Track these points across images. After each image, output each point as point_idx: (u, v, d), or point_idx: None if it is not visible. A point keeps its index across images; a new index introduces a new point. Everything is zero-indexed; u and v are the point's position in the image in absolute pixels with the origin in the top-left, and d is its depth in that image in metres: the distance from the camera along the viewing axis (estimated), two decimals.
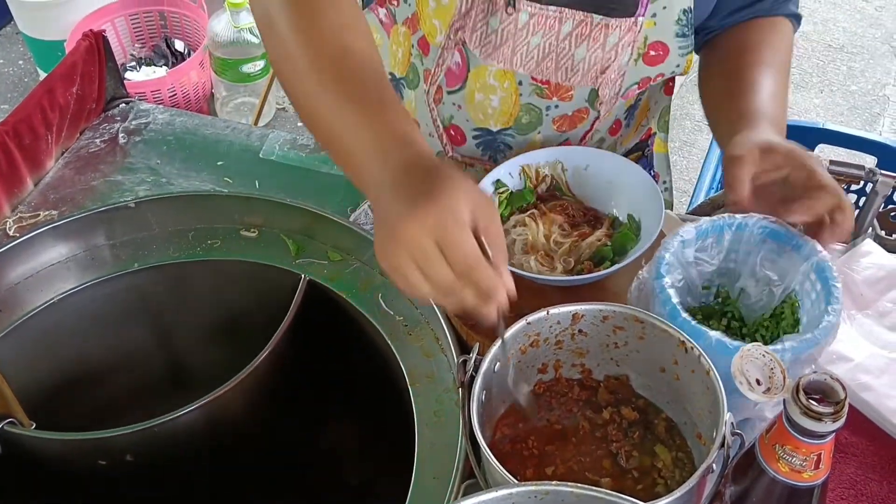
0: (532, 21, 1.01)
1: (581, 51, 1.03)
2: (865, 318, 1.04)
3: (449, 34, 1.03)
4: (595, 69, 1.05)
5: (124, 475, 0.99)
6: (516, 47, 1.03)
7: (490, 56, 1.04)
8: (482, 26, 1.02)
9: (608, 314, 0.86)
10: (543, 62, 1.04)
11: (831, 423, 0.62)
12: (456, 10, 1.01)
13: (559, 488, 0.67)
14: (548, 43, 1.03)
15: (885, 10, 3.79)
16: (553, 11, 1.01)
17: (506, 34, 1.02)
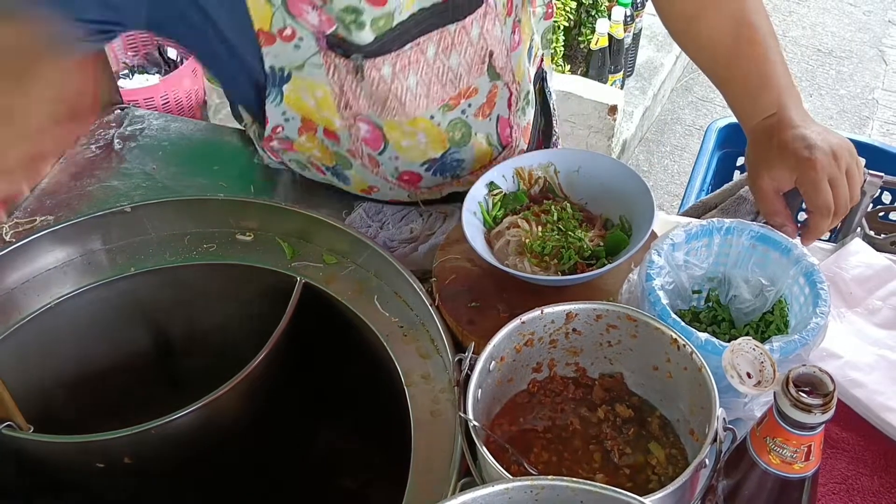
0: (397, 69, 1.02)
1: (454, 59, 1.05)
2: (855, 315, 1.06)
3: (342, 114, 1.05)
4: (476, 62, 1.06)
5: (122, 478, 0.99)
6: (400, 97, 1.04)
7: (384, 114, 1.06)
8: (361, 95, 1.03)
9: (601, 313, 0.87)
10: (431, 90, 1.06)
11: (821, 414, 0.63)
12: (332, 94, 1.02)
13: (555, 483, 0.67)
14: (423, 76, 1.04)
15: (874, 15, 3.83)
16: (409, 49, 1.01)
17: (383, 91, 1.03)
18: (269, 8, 0.94)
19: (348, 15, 0.95)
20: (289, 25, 0.96)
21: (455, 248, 1.06)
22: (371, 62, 1.00)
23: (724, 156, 1.87)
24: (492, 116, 1.13)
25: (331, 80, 1.01)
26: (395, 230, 1.15)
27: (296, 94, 1.03)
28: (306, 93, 1.03)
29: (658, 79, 3.28)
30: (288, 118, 1.06)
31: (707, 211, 1.17)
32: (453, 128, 1.11)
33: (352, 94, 1.03)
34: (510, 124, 1.16)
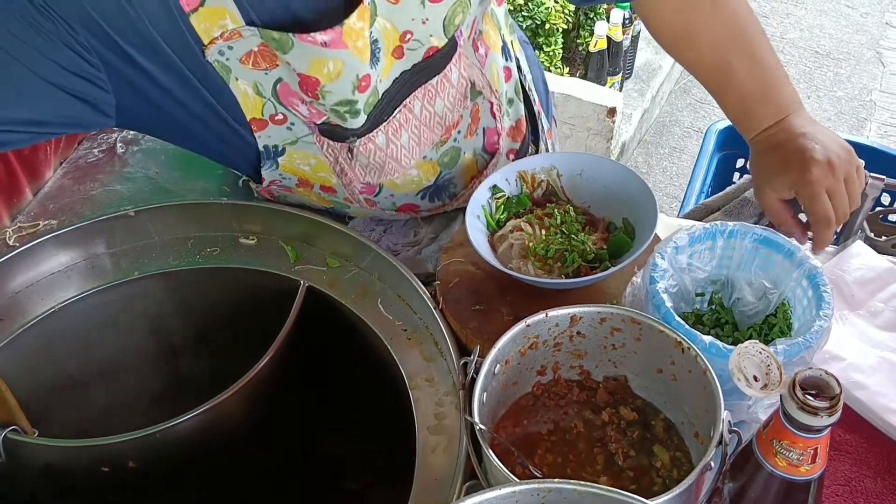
0: (389, 135, 1.03)
1: (439, 104, 1.06)
2: (857, 318, 1.06)
3: (340, 178, 1.06)
4: (459, 98, 1.07)
5: (127, 482, 0.99)
6: (398, 157, 1.06)
7: (382, 177, 1.07)
8: (357, 166, 1.04)
9: (606, 316, 0.87)
10: (422, 139, 1.07)
11: (827, 417, 0.63)
12: (326, 161, 1.03)
13: (562, 486, 0.68)
14: (413, 129, 1.05)
15: (871, 17, 3.84)
16: (398, 113, 1.02)
17: (379, 159, 1.04)
18: (260, 100, 0.94)
19: (342, 107, 0.95)
20: (280, 112, 0.96)
21: (459, 252, 1.06)
22: (365, 138, 1.01)
23: (723, 157, 1.88)
24: (478, 131, 1.14)
25: (325, 153, 1.03)
26: (399, 234, 1.15)
27: (291, 163, 1.04)
28: (301, 161, 1.04)
29: (656, 81, 3.28)
30: (284, 177, 1.07)
31: (710, 213, 1.17)
32: (444, 155, 1.12)
33: (347, 164, 1.04)
34: (497, 132, 1.16)
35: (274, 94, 0.94)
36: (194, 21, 0.85)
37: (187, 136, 1.00)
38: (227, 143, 1.00)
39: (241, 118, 0.96)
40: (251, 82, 0.92)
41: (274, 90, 0.93)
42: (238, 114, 0.96)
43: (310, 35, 0.87)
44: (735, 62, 1.04)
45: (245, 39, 0.87)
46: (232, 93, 0.92)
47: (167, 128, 0.98)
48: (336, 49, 0.89)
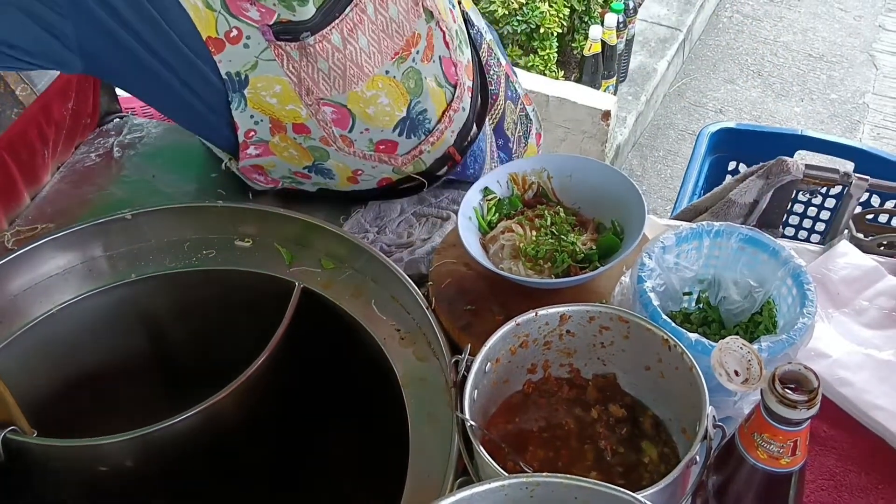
0: (345, 34, 1.03)
1: (392, 9, 1.06)
2: (843, 316, 1.08)
3: (307, 103, 1.06)
4: (411, 6, 1.08)
5: (125, 481, 1.00)
6: (357, 60, 1.06)
7: (347, 85, 1.07)
8: (319, 75, 1.04)
9: (594, 315, 0.89)
10: (382, 46, 1.07)
11: (806, 410, 0.65)
12: (291, 84, 1.04)
13: (550, 479, 0.69)
14: (370, 32, 1.05)
15: (864, 20, 3.86)
16: (350, 11, 1.02)
17: (339, 61, 1.04)
18: (212, 14, 0.96)
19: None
20: (233, 27, 0.98)
21: (451, 253, 1.08)
22: (320, 35, 1.01)
23: (715, 160, 1.90)
24: (434, 59, 1.15)
25: (287, 71, 1.03)
26: (393, 235, 1.17)
27: (256, 96, 1.05)
28: (266, 91, 1.04)
29: (651, 84, 3.30)
30: (256, 121, 1.08)
31: (698, 214, 1.19)
32: (407, 78, 1.12)
33: (310, 80, 1.04)
34: (453, 62, 1.17)
35: (223, 4, 0.96)
36: None
37: (154, 82, 1.01)
38: (193, 89, 1.02)
39: (198, 45, 0.98)
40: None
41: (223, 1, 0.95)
42: (195, 39, 0.97)
43: None
44: None
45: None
46: (184, 10, 0.94)
47: (132, 72, 1.00)
48: None
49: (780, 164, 1.30)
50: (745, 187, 1.32)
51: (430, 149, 1.18)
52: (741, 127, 1.94)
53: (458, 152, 1.22)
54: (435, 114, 1.17)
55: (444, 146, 1.19)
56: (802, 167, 1.24)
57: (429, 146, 1.18)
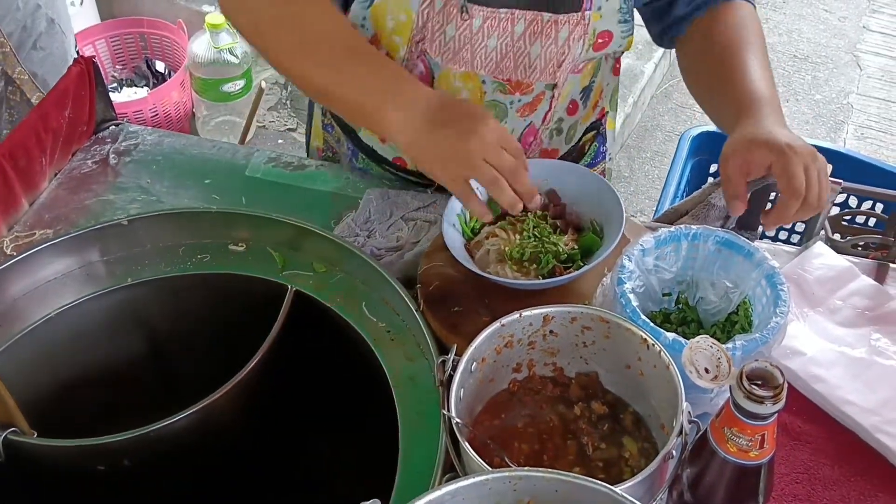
0: (486, 25, 1.07)
1: (536, 48, 1.10)
2: (817, 315, 1.12)
3: (410, 47, 1.09)
4: (552, 64, 1.12)
5: (123, 480, 1.03)
6: (475, 51, 1.09)
7: (452, 61, 1.11)
8: (440, 35, 1.08)
9: (576, 315, 0.92)
10: (502, 62, 1.11)
11: (772, 405, 0.69)
12: (413, 23, 1.07)
13: (531, 473, 0.72)
14: (504, 44, 1.10)
15: (848, 21, 3.91)
16: (504, 13, 1.07)
17: (463, 39, 1.08)
18: None
19: None
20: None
21: (439, 256, 1.11)
22: (470, 6, 1.05)
23: (697, 163, 1.94)
24: (527, 119, 1.20)
25: (420, 10, 1.06)
26: (382, 239, 1.20)
27: (382, 9, 1.08)
28: (392, 13, 1.08)
29: (638, 86, 3.34)
30: (363, 26, 1.11)
31: (679, 217, 1.22)
32: (494, 106, 1.16)
33: (430, 32, 1.08)
34: (536, 135, 1.22)
35: None
36: None
37: None
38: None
39: None
40: None
41: None
42: None
43: None
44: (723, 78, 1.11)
45: None
46: None
47: None
48: None
49: None
50: None
51: None
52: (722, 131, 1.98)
53: None
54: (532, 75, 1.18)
55: None
56: None
57: None
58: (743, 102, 1.07)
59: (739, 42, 1.13)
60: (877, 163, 1.89)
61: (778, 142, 0.99)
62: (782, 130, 1.02)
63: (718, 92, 1.13)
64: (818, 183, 0.99)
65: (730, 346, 0.87)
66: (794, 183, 0.97)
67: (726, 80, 1.11)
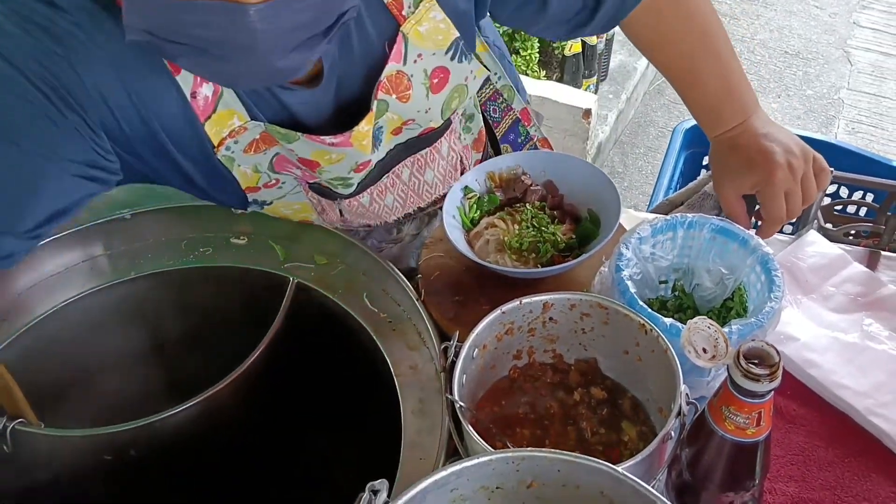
0: (374, 196, 1.10)
1: (428, 175, 1.14)
2: (811, 301, 1.14)
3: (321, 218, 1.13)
4: (449, 171, 1.16)
5: (128, 469, 1.04)
6: (378, 213, 1.14)
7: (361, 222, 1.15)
8: (339, 215, 1.12)
9: (575, 302, 0.94)
10: (406, 203, 1.16)
11: (768, 383, 0.71)
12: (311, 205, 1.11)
13: (534, 454, 0.74)
14: (399, 193, 1.13)
15: (839, 17, 3.94)
16: (385, 178, 1.10)
17: (361, 211, 1.12)
18: (257, 175, 1.02)
19: (337, 181, 1.03)
20: (273, 178, 1.04)
21: (439, 247, 1.13)
22: (352, 199, 1.08)
23: (690, 156, 1.96)
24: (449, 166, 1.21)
25: (311, 199, 1.10)
26: (383, 231, 1.21)
27: (275, 210, 1.11)
28: (286, 207, 1.11)
29: (631, 83, 3.36)
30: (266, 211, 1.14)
31: (674, 208, 1.24)
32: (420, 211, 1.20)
33: (331, 212, 1.12)
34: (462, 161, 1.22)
35: (270, 167, 1.01)
36: (208, 128, 0.93)
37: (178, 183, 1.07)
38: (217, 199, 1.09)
39: (236, 192, 1.04)
40: (251, 165, 1.00)
41: (270, 164, 1.01)
42: (234, 190, 1.03)
43: (318, 137, 0.95)
44: (702, 63, 1.11)
45: (249, 131, 0.95)
46: (234, 176, 1.00)
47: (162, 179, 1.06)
48: (342, 147, 0.97)
49: None
50: None
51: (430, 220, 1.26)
52: None
53: None
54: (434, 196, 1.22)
55: None
56: None
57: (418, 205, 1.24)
58: (721, 102, 1.10)
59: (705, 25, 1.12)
60: (867, 153, 1.91)
61: (759, 168, 1.05)
62: (763, 143, 1.06)
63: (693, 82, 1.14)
64: (800, 198, 1.06)
65: (725, 331, 0.89)
66: (774, 211, 1.05)
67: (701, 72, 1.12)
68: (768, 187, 1.04)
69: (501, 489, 0.75)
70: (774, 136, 1.06)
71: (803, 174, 1.05)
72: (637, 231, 1.00)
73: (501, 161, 1.16)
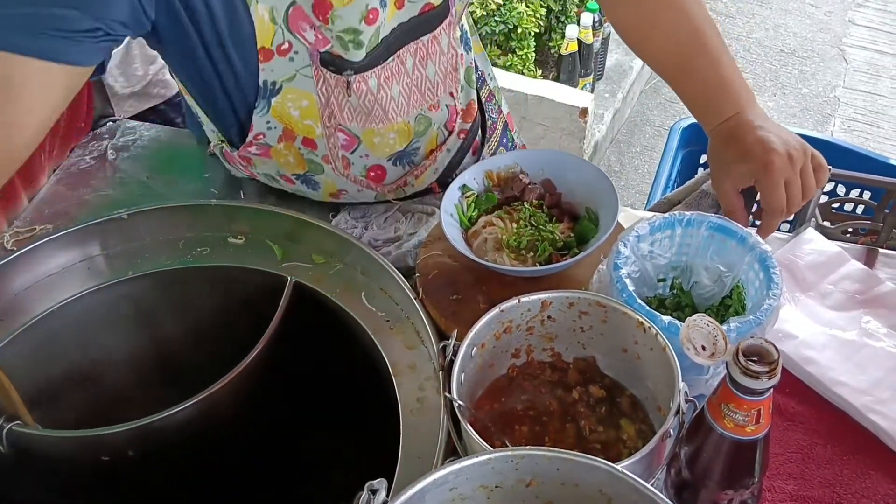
0: (381, 81, 1.09)
1: (430, 69, 1.13)
2: (809, 299, 1.14)
3: (324, 123, 1.11)
4: (449, 70, 1.15)
5: (126, 470, 1.04)
6: (385, 106, 1.12)
7: (368, 122, 1.13)
8: (346, 105, 1.10)
9: (573, 300, 0.94)
10: (411, 100, 1.14)
11: (767, 380, 0.71)
12: (318, 103, 1.09)
13: (533, 452, 0.74)
14: (404, 85, 1.12)
15: (834, 15, 3.94)
16: (391, 62, 1.09)
17: (369, 103, 1.11)
18: (273, 27, 1.01)
19: (348, 35, 1.02)
20: (287, 40, 1.02)
21: (437, 246, 1.13)
22: (360, 76, 1.07)
23: (687, 154, 1.96)
24: (442, 106, 1.21)
25: (319, 91, 1.07)
26: (380, 230, 1.21)
27: (282, 106, 1.09)
28: (293, 104, 1.09)
29: (627, 81, 3.36)
30: (271, 127, 1.12)
31: (671, 207, 1.24)
32: (419, 123, 1.18)
33: (337, 105, 1.09)
34: (456, 111, 1.23)
35: (285, 19, 1.00)
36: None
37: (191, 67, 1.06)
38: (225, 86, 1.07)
39: (250, 53, 1.02)
40: (268, 7, 0.99)
41: (286, 15, 1.00)
42: (249, 47, 1.02)
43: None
44: (694, 55, 1.10)
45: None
46: (251, 20, 0.99)
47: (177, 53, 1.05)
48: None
49: None
50: None
51: (413, 182, 1.25)
52: None
53: (440, 186, 1.28)
54: (423, 153, 1.23)
55: (426, 181, 1.26)
56: None
57: (413, 179, 1.24)
58: (716, 93, 1.09)
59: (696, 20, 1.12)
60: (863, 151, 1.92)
61: (757, 159, 1.02)
62: (760, 134, 1.04)
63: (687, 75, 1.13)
64: (800, 189, 1.03)
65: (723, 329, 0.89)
66: (774, 201, 1.02)
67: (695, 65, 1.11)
68: (767, 176, 1.01)
69: (500, 488, 0.75)
70: (770, 128, 1.05)
71: (802, 166, 1.03)
72: (635, 229, 1.00)
73: (499, 160, 1.16)
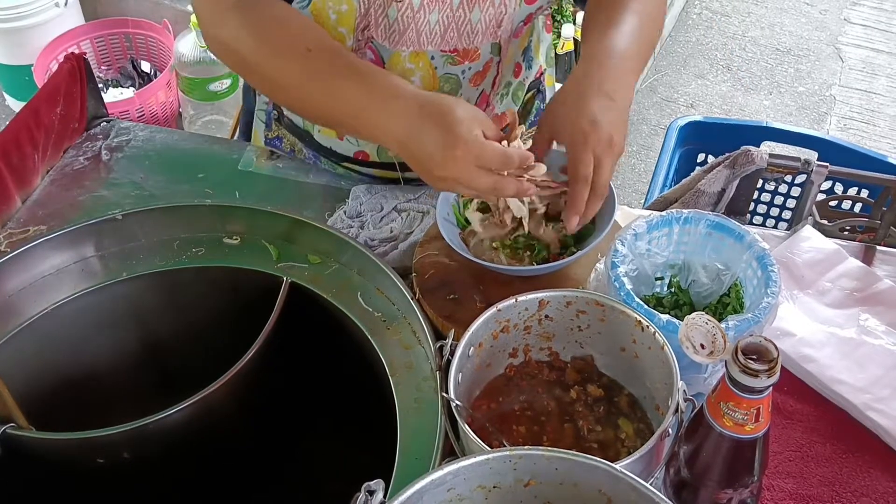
0: (425, 2, 1.08)
1: (476, 14, 1.11)
2: (807, 297, 1.13)
3: (356, 35, 1.10)
4: (492, 25, 1.13)
5: (122, 472, 1.03)
6: (419, 28, 1.10)
7: (399, 43, 1.11)
8: (383, 20, 1.09)
9: (571, 299, 0.93)
10: (447, 34, 1.12)
11: (766, 378, 0.70)
12: (356, 11, 1.08)
13: (531, 452, 0.73)
14: (445, 16, 1.10)
15: (830, 14, 3.94)
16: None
17: (406, 20, 1.09)
18: None
19: None
20: None
21: (433, 245, 1.12)
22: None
23: (684, 153, 1.95)
24: (479, 88, 1.20)
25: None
26: (376, 230, 1.21)
27: (323, 3, 1.08)
28: (333, 4, 1.08)
29: None
30: None
31: (669, 205, 1.24)
32: (446, 80, 1.17)
33: (374, 19, 1.09)
34: (488, 101, 1.23)
35: None
36: None
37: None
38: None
39: None
40: None
41: None
42: None
43: None
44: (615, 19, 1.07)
45: None
46: None
47: None
48: None
49: (745, 155, 1.36)
50: (713, 177, 1.38)
51: None
52: (709, 120, 2.00)
53: None
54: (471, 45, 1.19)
55: None
56: (766, 156, 1.30)
57: None
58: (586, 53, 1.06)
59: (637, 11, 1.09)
60: (861, 149, 1.91)
61: (579, 125, 0.97)
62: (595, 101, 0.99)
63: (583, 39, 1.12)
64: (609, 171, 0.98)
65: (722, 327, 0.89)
66: (580, 169, 0.97)
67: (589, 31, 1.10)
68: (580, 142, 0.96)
69: (499, 488, 0.75)
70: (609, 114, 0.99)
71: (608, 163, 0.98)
72: (633, 227, 1.00)
73: None
